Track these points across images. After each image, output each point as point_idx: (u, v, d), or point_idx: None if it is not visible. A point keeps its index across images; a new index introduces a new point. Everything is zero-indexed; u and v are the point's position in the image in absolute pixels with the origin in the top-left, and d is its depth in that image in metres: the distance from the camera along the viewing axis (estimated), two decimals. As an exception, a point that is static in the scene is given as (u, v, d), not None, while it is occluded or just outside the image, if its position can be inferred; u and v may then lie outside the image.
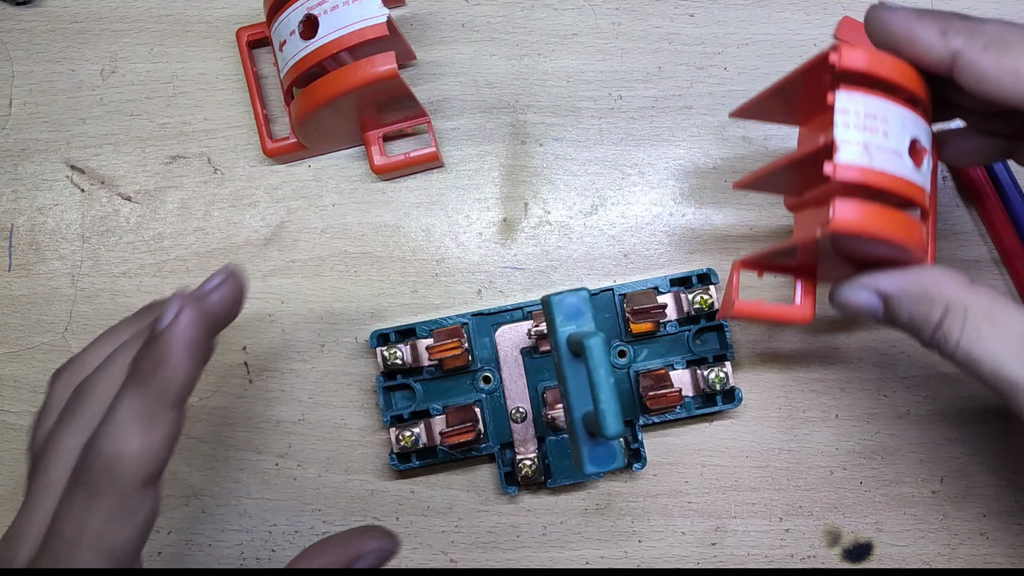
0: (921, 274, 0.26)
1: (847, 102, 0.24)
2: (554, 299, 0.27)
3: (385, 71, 0.32)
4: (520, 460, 0.35)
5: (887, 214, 0.25)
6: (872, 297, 0.27)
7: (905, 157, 0.25)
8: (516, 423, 0.35)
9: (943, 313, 0.26)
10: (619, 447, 0.26)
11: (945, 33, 0.24)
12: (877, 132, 0.24)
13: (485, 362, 0.36)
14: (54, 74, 0.39)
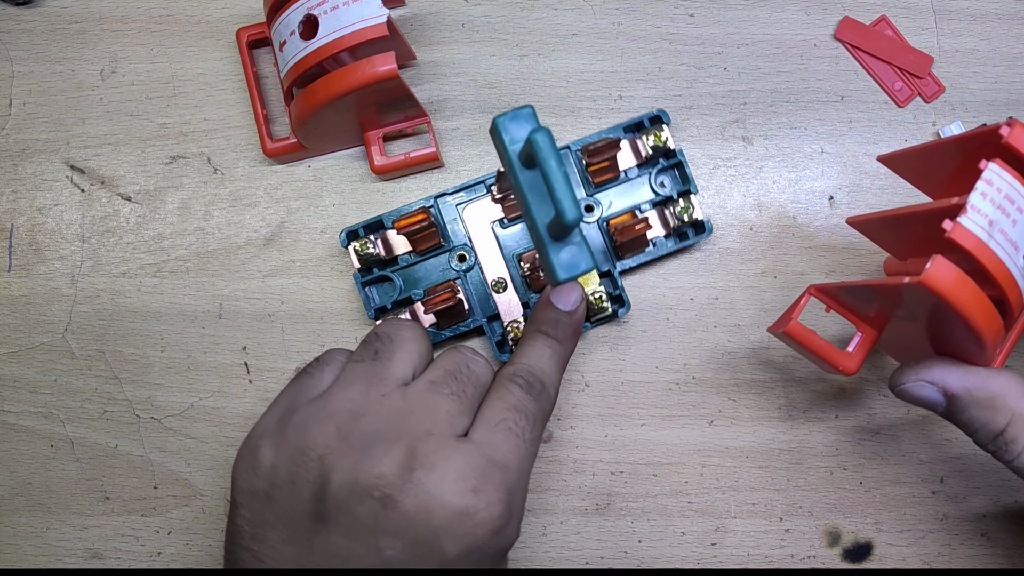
0: (989, 378, 0.26)
1: (995, 175, 0.24)
2: (499, 119, 0.26)
3: (385, 71, 0.32)
4: (508, 325, 0.35)
5: (977, 294, 0.24)
6: (936, 394, 0.27)
7: (1020, 255, 0.24)
8: (499, 294, 0.35)
9: (1007, 422, 0.26)
10: (586, 250, 0.26)
11: None
12: (1008, 217, 0.24)
13: (460, 244, 0.36)
14: (54, 74, 0.39)
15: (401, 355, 0.28)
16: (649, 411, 0.36)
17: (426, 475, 0.25)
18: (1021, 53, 0.38)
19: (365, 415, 0.27)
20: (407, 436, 0.26)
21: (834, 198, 0.37)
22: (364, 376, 0.28)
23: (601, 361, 0.37)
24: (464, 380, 0.28)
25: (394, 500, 0.25)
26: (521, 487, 0.27)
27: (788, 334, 0.29)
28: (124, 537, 0.37)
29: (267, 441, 0.27)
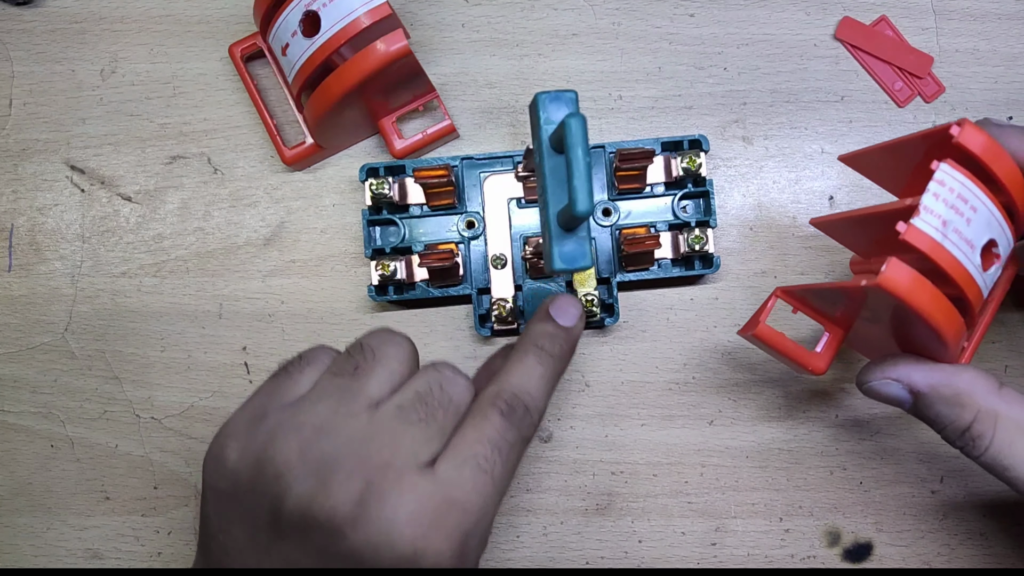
0: (954, 375, 0.26)
1: (947, 175, 0.24)
2: (540, 96, 0.26)
3: (398, 49, 0.32)
4: (496, 302, 0.35)
5: (934, 295, 0.24)
6: (902, 392, 0.27)
7: (976, 253, 0.24)
8: (496, 269, 0.35)
9: (973, 419, 0.26)
10: (588, 248, 0.26)
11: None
12: (962, 216, 0.24)
13: (473, 211, 0.36)
14: (54, 74, 0.39)
15: (380, 373, 0.27)
16: (649, 411, 0.36)
17: (378, 510, 0.24)
18: (1021, 53, 0.37)
19: (328, 434, 0.26)
20: (366, 464, 0.25)
21: (834, 198, 0.37)
22: (337, 391, 0.27)
23: (601, 361, 0.36)
24: (435, 404, 0.27)
25: (343, 533, 0.24)
26: (480, 530, 0.26)
27: (757, 337, 0.29)
28: (124, 537, 0.37)
29: (233, 442, 0.27)
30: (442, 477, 0.25)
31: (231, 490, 0.27)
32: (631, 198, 0.36)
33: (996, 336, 0.36)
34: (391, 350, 0.28)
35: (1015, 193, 0.25)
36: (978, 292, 0.25)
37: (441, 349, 0.37)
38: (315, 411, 0.27)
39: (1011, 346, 0.36)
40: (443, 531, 0.25)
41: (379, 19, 0.32)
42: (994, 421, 0.26)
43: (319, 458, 0.26)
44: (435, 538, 0.25)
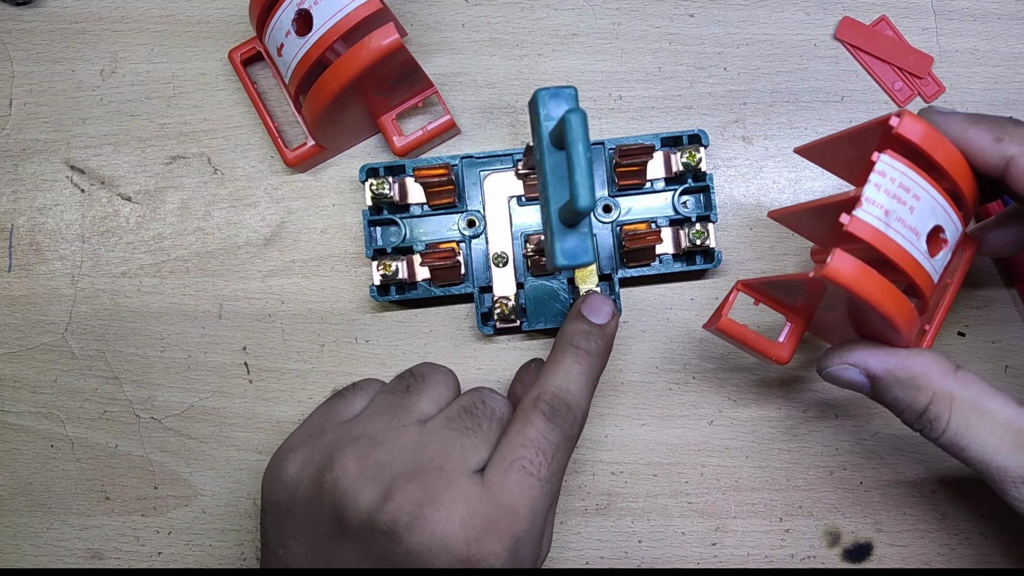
0: (909, 359, 0.26)
1: (887, 166, 0.24)
2: (540, 92, 0.26)
3: (389, 43, 0.31)
4: (498, 300, 0.35)
5: (881, 283, 0.24)
6: (860, 376, 0.27)
7: (921, 239, 0.25)
8: (497, 267, 0.35)
9: (929, 401, 0.26)
10: (590, 244, 0.26)
11: (999, 140, 0.25)
12: (904, 205, 0.24)
13: (473, 209, 0.36)
14: (54, 74, 0.38)
15: (429, 393, 0.30)
16: (649, 411, 0.36)
17: (432, 514, 0.26)
18: (1021, 53, 0.37)
19: (382, 444, 0.28)
20: (420, 470, 0.27)
21: (834, 198, 0.37)
22: (390, 407, 0.29)
23: (601, 361, 0.36)
24: (479, 415, 0.28)
25: (400, 537, 0.25)
26: (532, 534, 0.27)
27: (720, 330, 0.30)
28: (124, 537, 0.36)
29: (294, 456, 0.29)
30: (490, 482, 0.27)
31: (289, 503, 0.28)
32: (631, 194, 0.36)
33: (996, 336, 0.36)
34: (437, 376, 0.30)
35: (959, 179, 0.25)
36: (927, 277, 0.25)
37: (443, 348, 0.37)
38: (371, 424, 0.29)
39: (1011, 346, 0.36)
40: (495, 535, 0.26)
41: (370, 14, 0.32)
42: (950, 403, 0.26)
43: (376, 467, 0.27)
44: (487, 541, 0.26)
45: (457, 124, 0.37)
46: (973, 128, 0.25)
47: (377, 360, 0.37)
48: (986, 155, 0.25)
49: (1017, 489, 0.26)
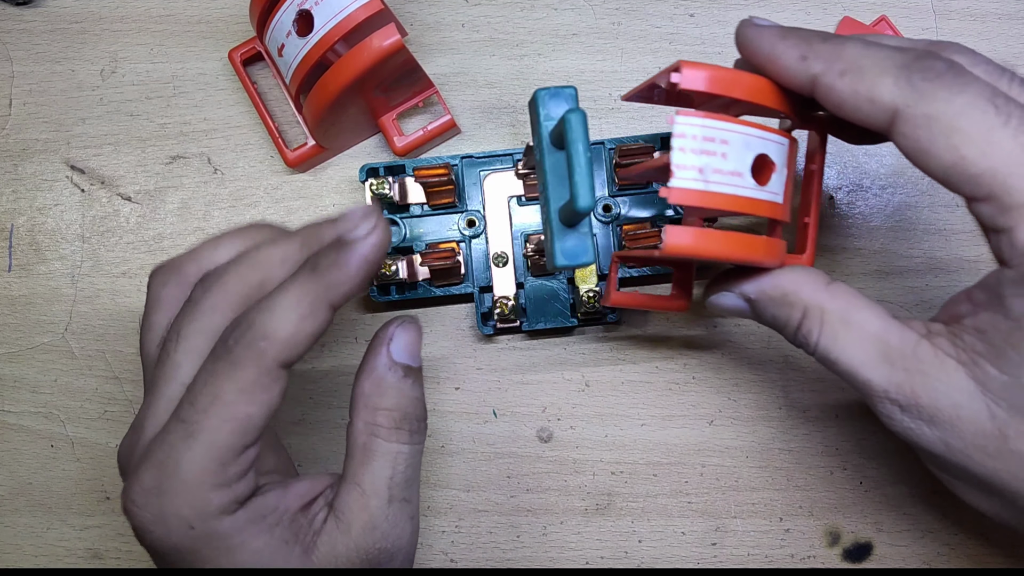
0: (780, 277, 0.26)
1: (684, 126, 0.24)
2: (540, 92, 0.25)
3: (390, 44, 0.31)
4: (498, 300, 0.34)
5: (719, 236, 0.24)
6: (739, 301, 0.27)
7: (746, 176, 0.24)
8: (497, 267, 0.35)
9: (802, 315, 0.26)
10: (590, 244, 0.25)
11: (805, 58, 0.24)
12: (715, 155, 0.24)
13: (473, 209, 0.35)
14: (54, 74, 0.38)
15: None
16: (649, 411, 0.36)
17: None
18: (1020, 53, 0.37)
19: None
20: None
21: (834, 198, 0.37)
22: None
23: (601, 361, 0.36)
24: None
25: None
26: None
27: (615, 304, 0.31)
28: (124, 537, 0.36)
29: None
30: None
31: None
32: (631, 193, 0.35)
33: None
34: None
35: (767, 101, 0.25)
36: (769, 206, 0.25)
37: (444, 348, 0.36)
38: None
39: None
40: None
41: (371, 15, 0.31)
42: (820, 316, 0.25)
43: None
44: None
45: (457, 124, 0.37)
46: (781, 44, 0.24)
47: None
48: (792, 74, 0.24)
49: (883, 404, 0.25)
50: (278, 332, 0.24)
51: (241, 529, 0.24)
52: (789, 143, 0.26)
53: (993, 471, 0.23)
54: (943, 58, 0.23)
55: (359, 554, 0.26)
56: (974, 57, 0.24)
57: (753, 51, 0.25)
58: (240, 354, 0.24)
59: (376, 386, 0.27)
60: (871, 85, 0.23)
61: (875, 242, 0.36)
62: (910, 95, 0.22)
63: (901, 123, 0.22)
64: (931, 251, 0.36)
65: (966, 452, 0.23)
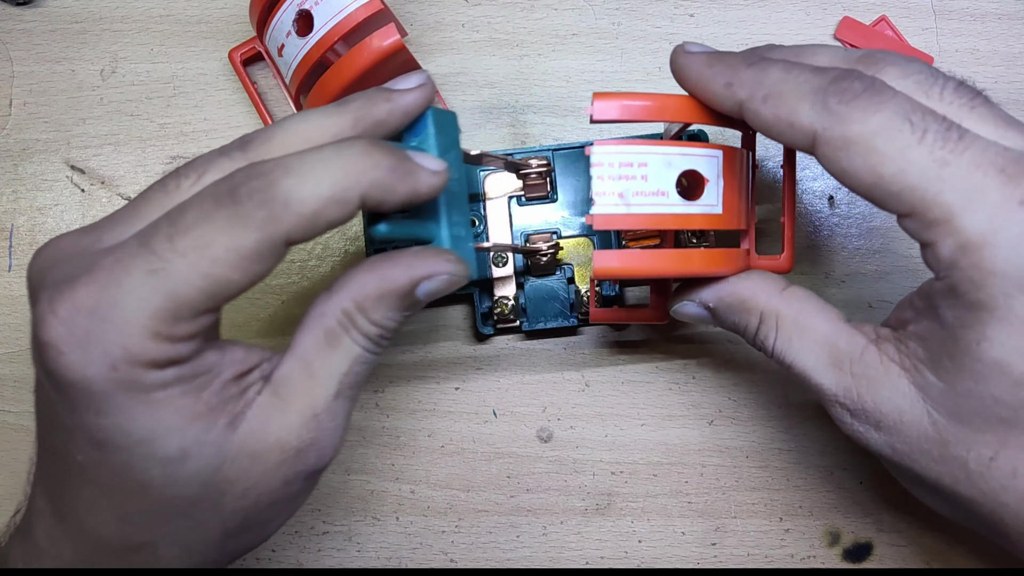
0: (737, 285, 0.27)
1: (601, 156, 0.25)
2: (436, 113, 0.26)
3: (390, 44, 0.31)
4: (497, 300, 0.34)
5: (649, 255, 0.26)
6: (699, 309, 0.28)
7: (672, 194, 0.25)
8: (497, 267, 0.34)
9: (759, 321, 0.26)
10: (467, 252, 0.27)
11: (730, 85, 0.24)
12: (635, 179, 0.25)
13: (473, 209, 0.35)
14: (54, 74, 0.38)
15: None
16: (649, 411, 0.36)
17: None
18: (1021, 53, 0.37)
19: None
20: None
21: (834, 198, 0.37)
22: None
23: (601, 361, 0.36)
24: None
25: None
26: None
27: (595, 321, 0.32)
28: (124, 537, 0.36)
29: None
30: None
31: None
32: None
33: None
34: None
35: (692, 118, 0.26)
36: (704, 219, 0.26)
37: (443, 348, 0.36)
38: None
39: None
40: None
41: (371, 15, 0.31)
42: (775, 321, 0.26)
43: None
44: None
45: (457, 124, 0.36)
46: (708, 72, 0.25)
47: (376, 360, 0.36)
48: (720, 100, 0.25)
49: (834, 407, 0.25)
50: (302, 205, 0.21)
51: (166, 386, 0.21)
52: (723, 154, 0.26)
53: (938, 475, 0.24)
54: (861, 77, 0.23)
55: (290, 439, 0.23)
56: (907, 67, 0.24)
57: (683, 78, 0.26)
58: (250, 212, 0.21)
59: (379, 296, 0.24)
60: (790, 111, 0.23)
61: (874, 242, 0.36)
62: (826, 118, 0.22)
63: (821, 146, 0.23)
64: (931, 251, 0.36)
65: (911, 456, 0.24)
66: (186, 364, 0.22)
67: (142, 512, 0.23)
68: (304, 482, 0.24)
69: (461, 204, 0.27)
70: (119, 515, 0.23)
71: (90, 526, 0.23)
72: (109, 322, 0.20)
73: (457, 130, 0.27)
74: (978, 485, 0.23)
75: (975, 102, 0.23)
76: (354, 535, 0.35)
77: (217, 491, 0.23)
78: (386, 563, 0.35)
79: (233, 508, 0.23)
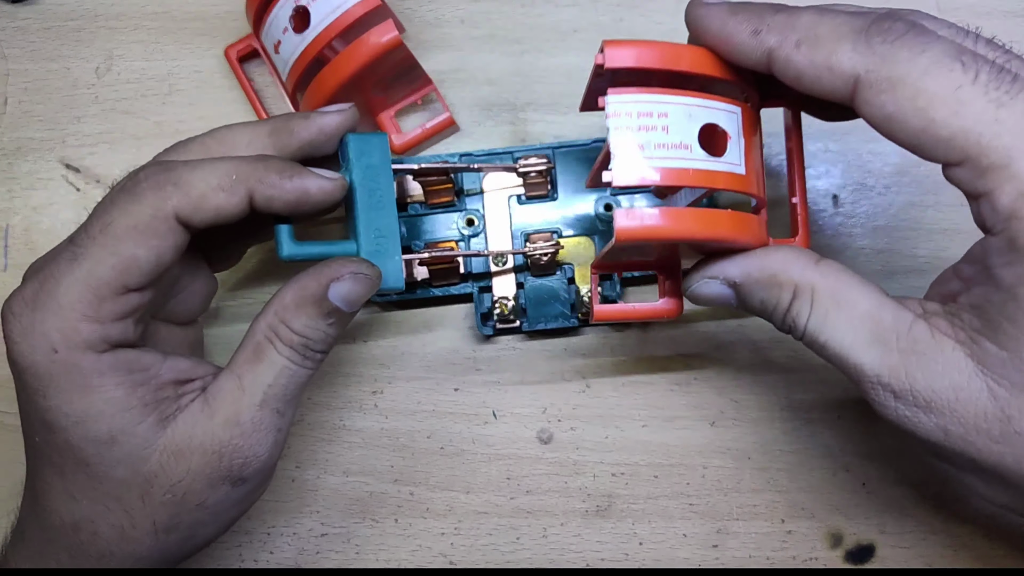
0: (767, 257, 0.24)
1: (617, 105, 0.23)
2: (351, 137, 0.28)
3: (388, 40, 0.31)
4: (498, 300, 0.34)
5: (676, 213, 0.23)
6: (723, 287, 0.25)
7: (695, 148, 0.23)
8: (496, 267, 0.34)
9: (792, 296, 0.24)
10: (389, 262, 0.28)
11: (758, 32, 0.23)
12: (656, 130, 0.23)
13: (472, 208, 0.34)
14: (49, 72, 0.37)
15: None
16: (650, 412, 0.35)
17: None
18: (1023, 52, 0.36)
19: None
20: None
21: (839, 197, 0.36)
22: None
23: (601, 362, 0.35)
24: None
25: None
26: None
27: (599, 319, 0.29)
28: (121, 539, 0.36)
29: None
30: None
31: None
32: (631, 193, 0.35)
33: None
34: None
35: (706, 70, 0.24)
36: (729, 177, 0.23)
37: (443, 348, 0.36)
38: None
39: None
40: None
41: (369, 11, 0.31)
42: (811, 295, 0.23)
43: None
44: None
45: (456, 121, 0.36)
46: (732, 20, 0.23)
47: (376, 361, 0.36)
48: (746, 50, 0.23)
49: (875, 390, 0.23)
50: (190, 187, 0.24)
51: (102, 372, 0.24)
52: (742, 111, 0.24)
53: (999, 456, 0.21)
54: (903, 19, 0.21)
55: (213, 444, 0.25)
56: (937, 21, 0.23)
57: (703, 30, 0.24)
58: (143, 191, 0.24)
59: (296, 306, 0.26)
60: (829, 53, 0.21)
61: (879, 241, 0.36)
62: (870, 59, 0.21)
63: (864, 90, 0.21)
64: (936, 251, 0.35)
65: (967, 438, 0.22)
66: (120, 352, 0.25)
67: (83, 489, 0.25)
68: (231, 487, 0.26)
69: (386, 220, 0.28)
70: (69, 492, 0.25)
71: (51, 507, 0.26)
72: (47, 311, 0.24)
73: (385, 152, 0.29)
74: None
75: (1009, 54, 0.22)
76: (353, 537, 0.35)
77: (144, 480, 0.25)
78: (385, 565, 0.35)
79: (161, 501, 0.25)
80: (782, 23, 0.22)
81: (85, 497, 0.25)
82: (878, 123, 0.22)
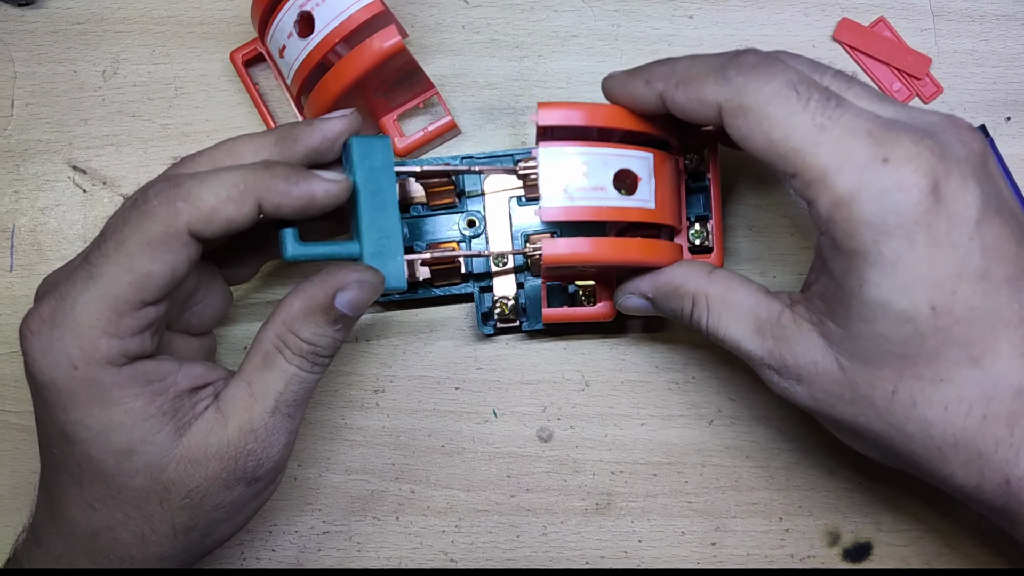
0: (671, 274, 0.29)
1: (546, 156, 0.28)
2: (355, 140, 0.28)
3: (391, 45, 0.31)
4: (498, 300, 0.34)
5: (592, 243, 0.28)
6: (640, 300, 0.30)
7: (609, 189, 0.28)
8: (497, 267, 0.34)
9: (692, 304, 0.28)
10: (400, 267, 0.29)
11: (649, 82, 0.27)
12: (577, 175, 0.28)
13: (473, 209, 0.35)
14: (56, 75, 0.38)
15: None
16: (649, 411, 0.36)
17: None
18: (1019, 54, 0.37)
19: None
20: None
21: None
22: None
23: (601, 361, 0.36)
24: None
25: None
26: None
27: (547, 321, 0.33)
28: (124, 537, 0.36)
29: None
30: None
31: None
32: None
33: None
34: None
35: (624, 124, 0.28)
36: (639, 212, 0.29)
37: (444, 348, 0.36)
38: None
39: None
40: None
41: (372, 16, 0.31)
42: (705, 301, 0.28)
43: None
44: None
45: (458, 125, 0.36)
46: (629, 79, 0.28)
47: (378, 360, 0.36)
48: (644, 98, 0.27)
49: (763, 370, 0.27)
50: (200, 200, 0.24)
51: (122, 385, 0.25)
52: (654, 156, 0.29)
53: (853, 416, 0.26)
54: (756, 52, 0.25)
55: (228, 450, 0.26)
56: (796, 56, 0.26)
57: (612, 92, 0.28)
58: (155, 208, 0.24)
59: (304, 315, 0.27)
60: (698, 88, 0.25)
61: (874, 242, 0.36)
62: (727, 90, 0.25)
63: (726, 116, 0.25)
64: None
65: (829, 403, 0.26)
66: (139, 364, 0.25)
67: (102, 499, 0.26)
68: (246, 487, 0.27)
69: (389, 221, 0.29)
70: (87, 501, 0.26)
71: (69, 516, 0.26)
72: (66, 328, 0.24)
73: (388, 155, 0.29)
74: (886, 419, 0.25)
75: (852, 82, 0.26)
76: (354, 535, 0.35)
77: (163, 488, 0.26)
78: (386, 563, 0.35)
79: (179, 506, 0.26)
80: (666, 71, 0.27)
81: (104, 506, 0.26)
82: (738, 143, 0.25)
